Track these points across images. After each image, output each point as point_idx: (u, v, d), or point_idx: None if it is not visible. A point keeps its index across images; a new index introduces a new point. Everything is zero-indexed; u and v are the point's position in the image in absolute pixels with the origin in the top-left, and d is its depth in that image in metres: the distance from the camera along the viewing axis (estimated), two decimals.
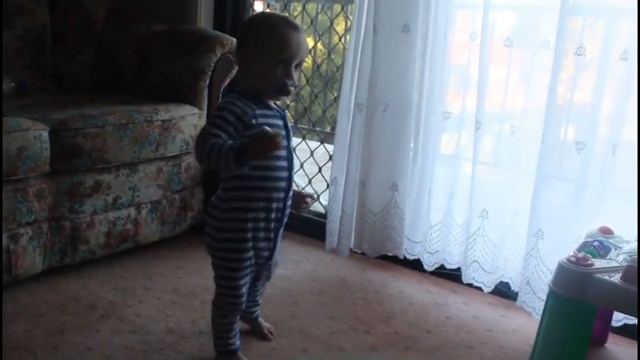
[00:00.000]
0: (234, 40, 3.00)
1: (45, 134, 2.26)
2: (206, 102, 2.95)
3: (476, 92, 2.40)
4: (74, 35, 3.20)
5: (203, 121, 2.89)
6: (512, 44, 2.37)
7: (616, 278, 1.76)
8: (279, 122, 1.76)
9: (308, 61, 3.37)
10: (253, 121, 1.68)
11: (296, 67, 1.70)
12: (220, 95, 3.04)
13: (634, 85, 2.09)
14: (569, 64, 2.21)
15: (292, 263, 2.80)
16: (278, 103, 1.82)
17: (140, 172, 2.62)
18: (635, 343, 2.29)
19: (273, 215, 1.79)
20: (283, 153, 1.75)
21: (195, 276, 2.58)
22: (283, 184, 1.77)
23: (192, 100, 2.89)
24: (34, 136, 2.21)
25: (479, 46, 2.38)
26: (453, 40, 2.51)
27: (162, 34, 3.14)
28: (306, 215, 3.15)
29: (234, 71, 3.05)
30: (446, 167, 2.61)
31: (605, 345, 2.28)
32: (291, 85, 1.69)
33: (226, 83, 3.04)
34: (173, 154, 2.75)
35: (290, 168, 1.80)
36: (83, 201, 2.43)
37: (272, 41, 1.67)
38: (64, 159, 2.33)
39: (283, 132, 1.71)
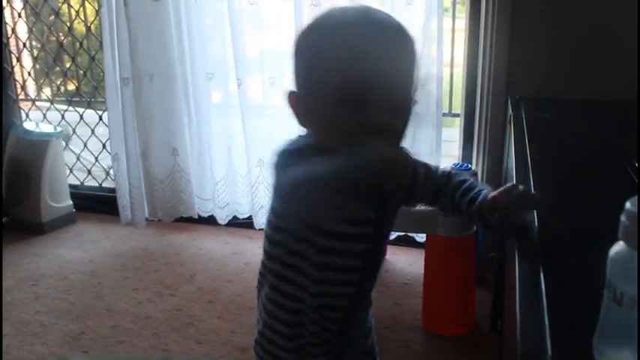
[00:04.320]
0: None
1: None
2: None
3: (232, 50, 2.53)
4: None
5: None
6: (257, 1, 2.50)
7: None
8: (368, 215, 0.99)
9: (68, 37, 3.31)
10: None
11: (397, 108, 0.90)
12: None
13: None
14: (307, 13, 2.40)
15: (92, 244, 2.83)
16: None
17: None
18: (410, 249, 2.63)
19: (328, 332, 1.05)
20: (358, 247, 0.99)
21: None
22: (343, 302, 1.03)
23: None
24: None
25: (227, 7, 2.49)
26: (204, 3, 2.60)
27: None
28: (97, 193, 3.19)
29: None
30: (220, 124, 2.74)
31: (386, 257, 2.59)
32: (398, 153, 0.86)
33: None
34: None
35: (366, 279, 1.04)
36: None
37: (333, 70, 0.89)
38: None
39: (368, 230, 0.99)
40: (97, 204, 3.16)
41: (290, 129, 2.53)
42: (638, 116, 1.51)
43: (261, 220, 2.73)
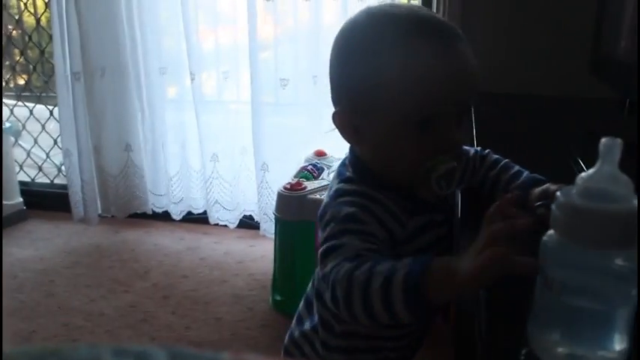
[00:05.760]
0: None
1: None
2: None
3: (184, 44, 2.51)
4: None
5: None
6: None
7: (326, 195, 2.02)
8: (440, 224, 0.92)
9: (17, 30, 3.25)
10: (402, 233, 0.86)
11: (460, 118, 0.83)
12: None
13: (320, 25, 2.36)
14: (261, 8, 2.40)
15: (43, 242, 2.78)
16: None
17: None
18: None
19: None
20: None
21: None
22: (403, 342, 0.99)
23: None
24: None
25: (180, 1, 2.47)
26: None
27: None
28: (49, 190, 3.14)
29: None
30: (174, 119, 2.72)
31: None
32: (448, 169, 0.82)
33: None
34: None
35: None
36: None
37: (398, 87, 0.79)
38: None
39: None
40: (48, 201, 3.10)
41: (244, 123, 2.55)
42: (638, 118, 1.47)
43: (215, 216, 2.73)
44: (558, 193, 0.54)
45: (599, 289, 0.54)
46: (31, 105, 3.21)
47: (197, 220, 2.83)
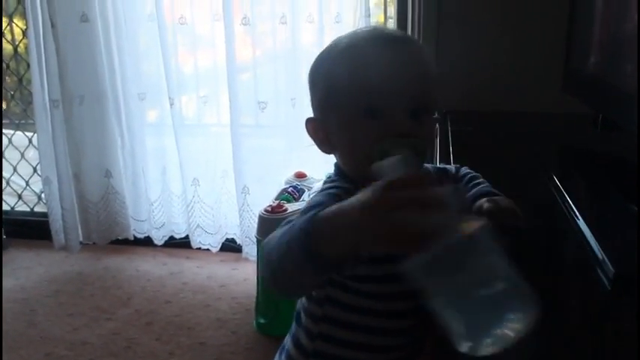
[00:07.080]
0: None
1: None
2: None
3: (163, 69, 2.52)
4: None
5: None
6: (185, 21, 2.51)
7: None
8: None
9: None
10: None
11: (416, 114, 0.85)
12: None
13: (297, 48, 2.39)
14: (238, 33, 2.41)
15: (24, 271, 2.76)
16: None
17: None
18: None
19: None
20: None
21: None
22: (399, 340, 0.94)
23: None
24: None
25: (157, 28, 2.48)
26: (134, 24, 2.59)
27: None
28: (29, 218, 3.11)
29: None
30: (154, 144, 2.72)
31: None
32: (406, 145, 0.82)
33: None
34: None
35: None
36: None
37: (347, 84, 0.86)
38: None
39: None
40: (29, 229, 3.08)
41: (224, 147, 2.56)
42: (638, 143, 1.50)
43: (197, 240, 2.72)
44: None
45: (468, 276, 0.59)
46: (9, 132, 3.20)
47: (179, 244, 2.83)
